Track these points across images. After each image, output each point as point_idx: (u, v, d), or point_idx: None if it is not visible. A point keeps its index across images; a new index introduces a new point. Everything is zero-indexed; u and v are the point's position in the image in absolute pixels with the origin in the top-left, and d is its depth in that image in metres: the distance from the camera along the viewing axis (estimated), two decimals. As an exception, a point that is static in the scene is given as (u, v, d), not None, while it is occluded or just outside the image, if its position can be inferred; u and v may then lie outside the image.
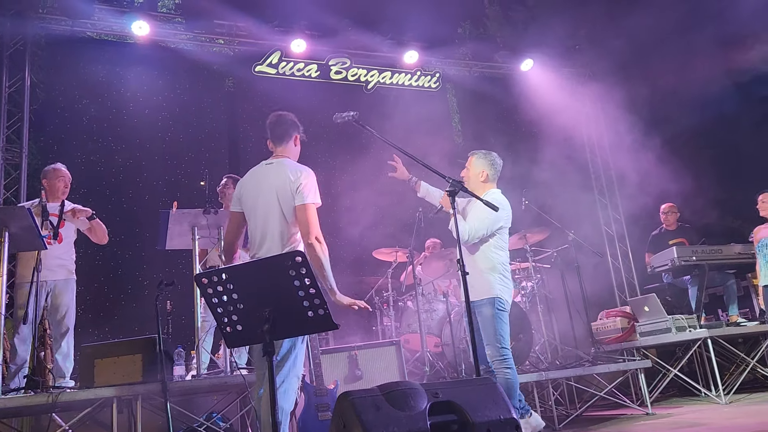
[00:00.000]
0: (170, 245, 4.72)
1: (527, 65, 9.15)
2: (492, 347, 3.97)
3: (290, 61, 8.18)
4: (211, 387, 4.45)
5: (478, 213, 4.02)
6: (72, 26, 7.20)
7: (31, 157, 6.87)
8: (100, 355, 4.13)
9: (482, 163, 4.32)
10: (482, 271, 4.04)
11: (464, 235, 3.93)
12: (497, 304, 4.00)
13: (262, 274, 2.68)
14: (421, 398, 2.52)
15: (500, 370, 3.95)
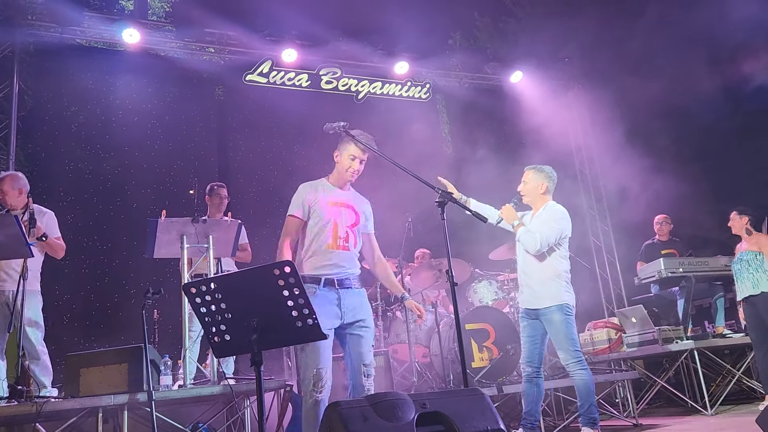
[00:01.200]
0: (158, 254, 4.69)
1: (517, 77, 9.23)
2: (565, 351, 4.17)
3: (281, 71, 8.19)
4: (197, 397, 4.40)
5: (547, 222, 4.30)
6: (61, 33, 7.18)
7: (19, 165, 6.80)
8: (86, 364, 4.08)
9: (541, 177, 4.50)
10: (549, 279, 4.26)
11: (536, 245, 4.22)
12: (565, 310, 4.21)
13: (250, 284, 2.66)
14: (408, 409, 2.51)
15: (577, 371, 4.17)
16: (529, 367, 4.34)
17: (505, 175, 7.84)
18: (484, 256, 6.63)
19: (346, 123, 3.57)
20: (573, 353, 4.16)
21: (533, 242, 4.22)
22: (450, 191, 3.78)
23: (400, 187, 6.43)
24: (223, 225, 4.84)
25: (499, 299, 6.21)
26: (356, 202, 3.77)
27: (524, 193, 4.52)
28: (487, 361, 5.35)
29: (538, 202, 4.47)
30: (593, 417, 4.18)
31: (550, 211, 4.40)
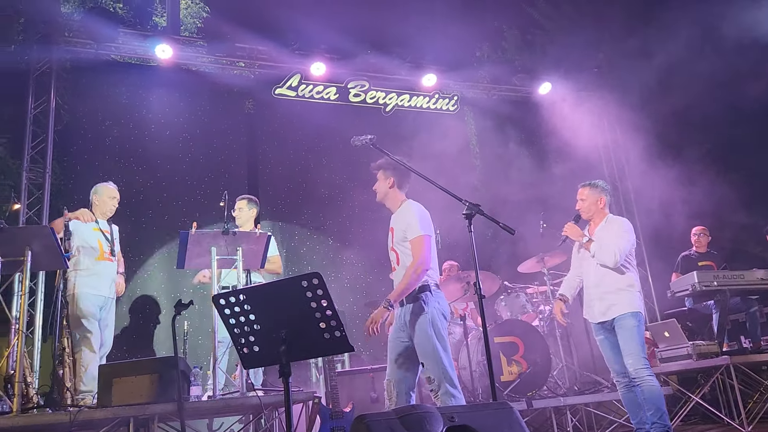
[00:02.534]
0: (189, 265, 4.76)
1: (545, 88, 9.16)
2: (636, 358, 4.18)
3: (310, 84, 8.27)
4: (226, 408, 4.44)
5: (619, 234, 4.39)
6: (97, 50, 7.35)
7: (55, 177, 6.98)
8: (118, 374, 4.15)
9: (597, 192, 4.58)
10: (623, 290, 4.32)
11: (615, 258, 4.29)
12: (638, 317, 4.27)
13: (279, 296, 2.68)
14: (436, 422, 2.49)
15: (647, 378, 4.18)
16: (623, 378, 4.36)
17: (534, 186, 7.81)
18: (512, 268, 6.58)
19: (373, 136, 3.59)
20: (643, 360, 4.18)
21: (611, 256, 4.29)
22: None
23: (427, 199, 6.43)
24: (252, 237, 4.89)
25: (528, 312, 6.14)
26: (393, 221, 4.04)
27: (584, 210, 4.60)
28: (516, 374, 5.29)
29: (597, 217, 4.56)
30: (667, 426, 4.13)
31: (616, 223, 4.50)
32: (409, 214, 3.85)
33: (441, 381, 3.57)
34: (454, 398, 3.56)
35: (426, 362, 3.64)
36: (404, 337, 3.76)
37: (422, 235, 3.71)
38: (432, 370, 3.61)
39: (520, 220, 6.20)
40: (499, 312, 6.17)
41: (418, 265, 3.63)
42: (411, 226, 3.80)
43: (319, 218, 7.96)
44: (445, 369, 3.60)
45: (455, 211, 4.33)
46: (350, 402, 4.53)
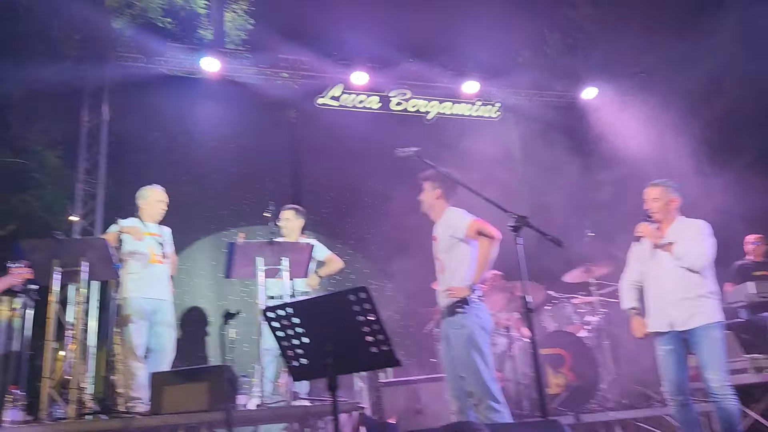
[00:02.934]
0: (236, 275, 4.85)
1: (590, 93, 9.01)
2: (721, 372, 3.90)
3: (352, 93, 8.34)
4: (273, 416, 4.49)
5: (702, 236, 4.09)
6: (146, 64, 7.59)
7: (106, 188, 7.21)
8: (169, 382, 4.24)
9: (670, 191, 4.30)
10: (705, 295, 4.01)
11: (703, 260, 4.02)
12: (722, 328, 4.00)
13: (326, 309, 2.71)
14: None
15: (729, 396, 3.90)
16: (680, 395, 4.05)
17: (579, 194, 7.67)
18: (557, 277, 6.48)
19: (418, 148, 3.59)
20: (726, 376, 3.90)
21: (699, 259, 3.99)
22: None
23: (467, 207, 6.40)
24: (297, 247, 4.95)
25: (574, 323, 6.01)
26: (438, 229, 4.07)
27: (655, 210, 4.25)
28: (562, 387, 5.19)
29: (668, 219, 4.24)
30: None
31: (695, 225, 4.19)
32: (453, 216, 3.93)
33: (482, 396, 3.55)
34: (498, 413, 3.52)
35: (467, 376, 3.63)
36: (450, 351, 3.76)
37: (475, 218, 3.84)
38: (472, 384, 3.60)
39: (565, 229, 6.10)
40: (544, 323, 6.07)
41: (494, 235, 3.78)
42: (458, 223, 3.87)
43: (362, 227, 7.99)
44: (485, 383, 3.57)
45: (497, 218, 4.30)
46: (395, 414, 4.53)
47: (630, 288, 4.30)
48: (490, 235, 3.77)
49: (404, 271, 7.36)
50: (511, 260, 6.07)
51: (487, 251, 3.77)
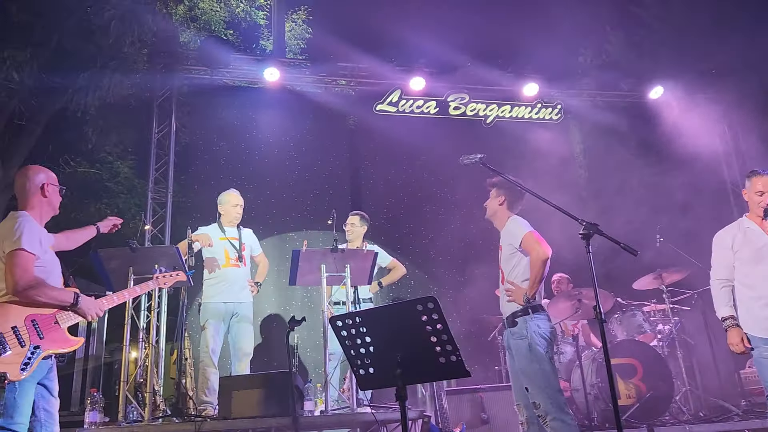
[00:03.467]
0: (300, 282, 4.91)
1: (657, 92, 8.68)
2: None
3: (410, 99, 8.32)
4: (338, 423, 4.52)
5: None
6: (211, 75, 7.80)
7: (175, 196, 7.45)
8: (237, 387, 4.33)
9: None
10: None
11: None
12: None
13: (394, 319, 2.70)
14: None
15: None
16: None
17: (647, 197, 7.42)
18: (627, 285, 6.27)
19: (483, 155, 3.54)
20: None
21: None
22: None
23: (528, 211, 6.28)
24: (360, 254, 4.97)
25: (645, 332, 5.80)
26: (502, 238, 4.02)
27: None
28: (634, 399, 5.01)
29: None
30: None
31: None
32: (513, 226, 3.88)
33: (548, 408, 3.48)
34: (566, 425, 3.44)
35: (530, 387, 3.57)
36: (513, 361, 3.71)
37: (532, 231, 3.77)
38: (537, 395, 3.53)
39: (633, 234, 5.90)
40: (614, 331, 5.88)
41: (539, 254, 3.65)
42: (515, 234, 3.82)
43: (421, 233, 7.97)
44: (550, 395, 3.50)
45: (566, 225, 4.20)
46: (461, 422, 4.47)
47: (725, 291, 3.89)
48: (539, 252, 3.67)
49: (466, 278, 7.31)
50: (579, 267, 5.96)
51: (536, 267, 3.66)
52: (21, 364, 2.96)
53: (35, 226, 3.22)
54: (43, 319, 3.10)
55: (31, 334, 3.04)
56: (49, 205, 3.38)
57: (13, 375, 2.93)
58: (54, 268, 3.29)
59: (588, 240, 3.16)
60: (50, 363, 3.19)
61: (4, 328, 2.99)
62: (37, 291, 3.07)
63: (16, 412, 2.95)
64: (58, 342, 3.13)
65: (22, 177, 3.36)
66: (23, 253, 3.06)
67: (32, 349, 3.01)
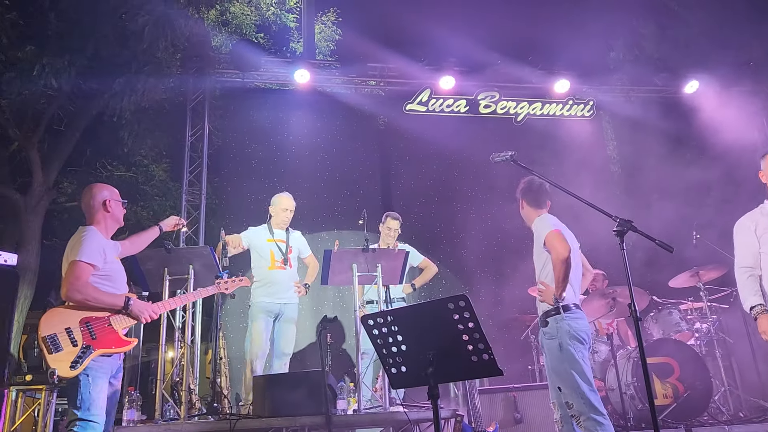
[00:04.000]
0: (332, 282, 4.95)
1: (692, 86, 8.50)
2: None
3: (439, 98, 8.30)
4: (372, 421, 4.54)
5: None
6: (243, 78, 7.91)
7: (208, 198, 7.57)
8: (271, 386, 4.39)
9: None
10: None
11: None
12: None
13: (425, 317, 2.70)
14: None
15: None
16: None
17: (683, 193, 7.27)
18: (662, 283, 6.16)
19: (513, 152, 3.52)
20: None
21: None
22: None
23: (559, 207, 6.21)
24: (391, 254, 4.99)
25: (682, 331, 5.69)
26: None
27: None
28: (671, 398, 4.92)
29: None
30: None
31: None
32: (539, 223, 3.88)
33: (582, 408, 3.44)
34: (600, 425, 3.41)
35: (562, 387, 3.55)
36: (546, 361, 3.69)
37: (553, 230, 3.71)
38: (570, 395, 3.50)
39: (668, 231, 5.79)
40: (650, 330, 5.78)
41: (558, 254, 3.60)
42: (540, 232, 3.81)
43: (452, 232, 7.95)
44: (583, 395, 3.46)
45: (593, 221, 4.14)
46: (493, 422, 4.45)
47: (751, 280, 3.68)
48: (558, 251, 3.61)
49: (498, 277, 7.27)
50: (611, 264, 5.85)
51: (557, 267, 3.60)
52: (71, 362, 3.18)
53: (99, 239, 3.48)
54: (97, 321, 3.34)
55: (84, 334, 3.28)
56: (113, 218, 3.65)
57: (63, 371, 3.16)
58: (118, 275, 3.56)
59: (622, 237, 3.11)
60: (119, 362, 3.48)
61: (59, 330, 3.23)
62: (86, 296, 3.30)
63: (92, 405, 3.21)
64: (110, 343, 3.35)
65: (87, 195, 3.62)
66: (80, 264, 3.31)
67: (83, 349, 3.24)
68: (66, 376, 3.17)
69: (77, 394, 3.19)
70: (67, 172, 9.34)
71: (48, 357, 3.16)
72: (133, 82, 7.15)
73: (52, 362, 3.15)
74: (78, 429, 3.14)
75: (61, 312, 3.29)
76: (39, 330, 3.20)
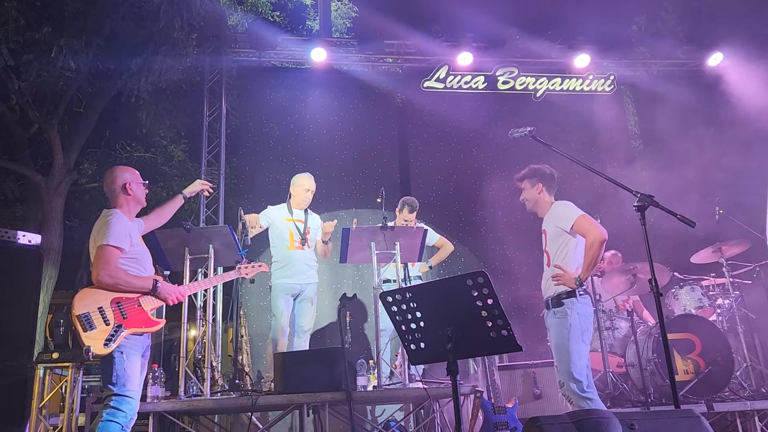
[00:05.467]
0: (351, 260, 4.97)
1: (716, 59, 8.31)
2: None
3: (457, 75, 8.20)
4: (391, 397, 4.59)
5: None
6: (259, 57, 7.89)
7: (227, 178, 7.60)
8: (292, 363, 4.44)
9: None
10: None
11: None
12: None
13: (444, 294, 2.70)
14: (614, 429, 2.37)
15: None
16: None
17: (706, 169, 7.15)
18: (682, 258, 6.09)
19: (533, 128, 3.49)
20: None
21: None
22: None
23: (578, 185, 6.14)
24: (410, 232, 4.99)
25: (704, 307, 5.63)
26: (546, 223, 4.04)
27: None
28: (692, 374, 4.89)
29: None
30: None
31: None
32: (561, 209, 3.89)
33: (571, 388, 3.57)
34: (592, 401, 3.56)
35: (560, 366, 3.67)
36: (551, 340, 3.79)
37: (583, 214, 3.76)
38: (564, 374, 3.62)
39: (691, 206, 5.71)
40: (671, 306, 5.73)
41: (596, 236, 3.64)
42: (566, 217, 3.80)
43: (470, 210, 7.91)
44: (573, 375, 3.58)
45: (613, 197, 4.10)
46: (513, 397, 4.47)
47: None
48: (596, 234, 3.65)
49: (517, 254, 7.22)
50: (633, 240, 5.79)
51: (595, 249, 3.65)
52: (104, 340, 3.30)
53: (124, 222, 3.55)
54: (127, 301, 3.45)
55: (115, 314, 3.38)
56: (135, 200, 3.70)
57: (97, 349, 3.28)
58: (145, 257, 3.66)
59: (643, 212, 3.08)
60: (148, 341, 3.60)
61: (92, 309, 3.34)
62: (117, 281, 3.39)
63: (128, 381, 3.33)
64: (140, 322, 3.45)
65: (109, 178, 3.69)
66: (109, 248, 3.39)
67: (116, 328, 3.35)
68: (100, 353, 3.28)
69: (112, 371, 3.30)
70: (87, 153, 9.45)
71: (83, 335, 3.27)
72: (150, 62, 7.16)
73: (87, 340, 3.26)
74: (114, 403, 3.26)
75: (94, 292, 3.38)
76: (73, 308, 3.30)
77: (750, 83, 8.15)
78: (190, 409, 4.31)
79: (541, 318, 6.37)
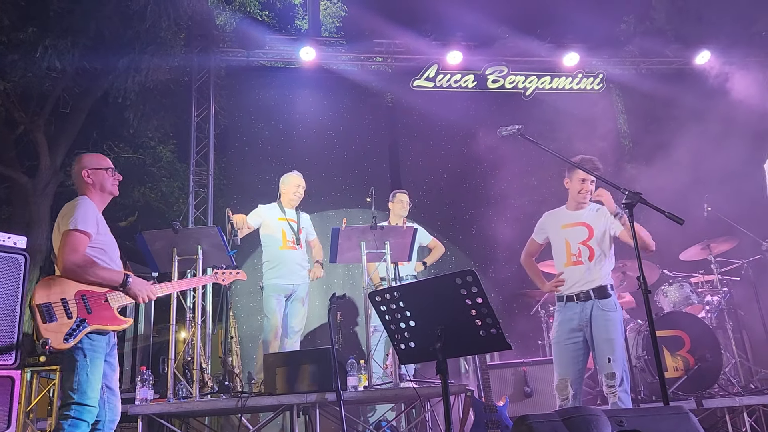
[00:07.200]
0: (341, 260, 4.95)
1: (703, 57, 8.36)
2: None
3: (447, 74, 8.20)
4: (382, 398, 4.57)
5: None
6: (248, 57, 7.85)
7: (215, 178, 7.55)
8: (281, 363, 4.41)
9: None
10: None
11: None
12: None
13: (433, 293, 2.69)
14: (604, 427, 2.36)
15: None
16: None
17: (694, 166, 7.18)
18: (673, 256, 6.12)
19: (521, 126, 3.48)
20: None
21: None
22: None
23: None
24: (400, 231, 4.97)
25: (693, 303, 5.66)
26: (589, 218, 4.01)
27: None
28: (681, 371, 4.91)
29: None
30: None
31: None
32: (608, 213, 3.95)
33: (624, 378, 3.61)
34: (628, 396, 3.61)
35: (614, 358, 3.64)
36: (580, 336, 3.76)
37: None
38: (618, 367, 3.62)
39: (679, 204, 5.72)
40: (660, 303, 5.75)
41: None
42: (616, 223, 3.92)
43: (461, 209, 7.91)
44: (625, 366, 3.66)
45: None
46: (504, 396, 4.46)
47: None
48: (642, 229, 3.81)
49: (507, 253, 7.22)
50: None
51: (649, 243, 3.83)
52: (65, 334, 3.05)
53: (92, 208, 3.31)
54: (93, 295, 3.18)
55: (79, 307, 3.12)
56: (99, 188, 3.42)
57: (56, 343, 3.03)
58: (112, 249, 3.39)
59: (631, 209, 3.08)
60: (113, 340, 3.34)
61: (54, 299, 3.09)
62: (84, 270, 3.15)
63: (89, 388, 3.07)
64: (105, 319, 3.18)
65: (74, 166, 3.47)
66: (76, 234, 3.16)
67: (78, 322, 3.09)
68: (59, 348, 3.04)
69: (74, 375, 3.06)
70: (74, 154, 9.34)
71: (41, 326, 3.03)
72: (137, 62, 7.11)
73: (45, 332, 3.02)
74: (75, 414, 3.02)
75: (58, 281, 3.14)
76: (33, 298, 3.07)
77: (737, 81, 8.22)
78: (179, 412, 4.28)
79: (532, 317, 6.43)
